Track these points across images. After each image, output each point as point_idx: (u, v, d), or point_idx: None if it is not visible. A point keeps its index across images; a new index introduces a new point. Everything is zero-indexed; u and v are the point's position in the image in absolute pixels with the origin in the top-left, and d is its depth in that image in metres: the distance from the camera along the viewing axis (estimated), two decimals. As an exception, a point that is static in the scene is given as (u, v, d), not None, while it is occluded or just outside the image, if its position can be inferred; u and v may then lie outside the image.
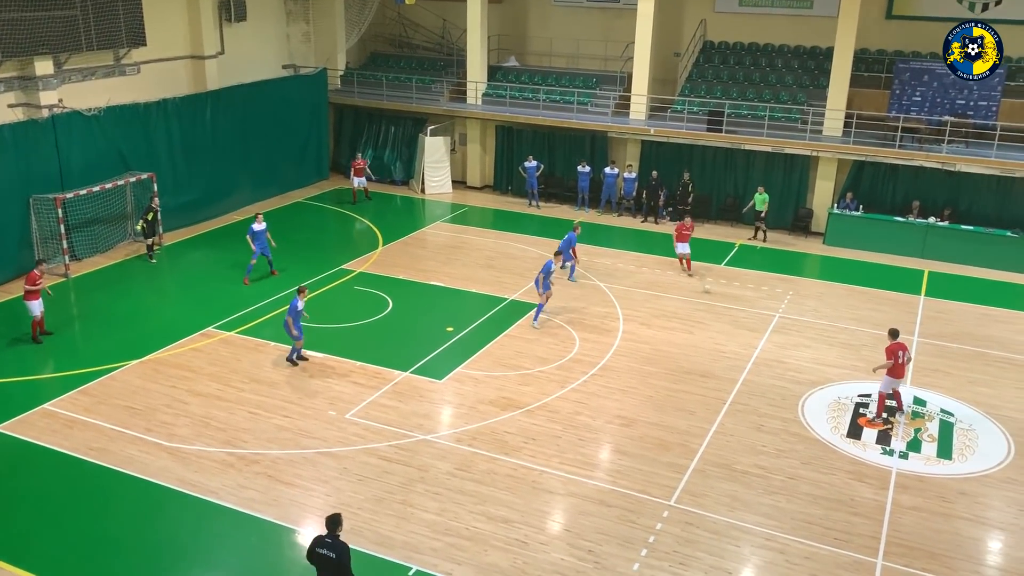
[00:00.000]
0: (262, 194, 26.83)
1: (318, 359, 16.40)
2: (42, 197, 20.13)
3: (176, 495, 12.22)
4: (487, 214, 26.73)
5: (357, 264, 21.64)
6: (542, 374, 16.04)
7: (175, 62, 24.92)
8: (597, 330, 17.99)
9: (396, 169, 29.54)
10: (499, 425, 14.23)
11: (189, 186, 24.25)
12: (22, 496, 12.20)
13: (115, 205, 22.11)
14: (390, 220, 25.71)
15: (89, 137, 21.40)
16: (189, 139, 24.19)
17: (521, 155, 27.87)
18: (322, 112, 29.16)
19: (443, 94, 29.34)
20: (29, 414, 14.21)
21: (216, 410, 14.52)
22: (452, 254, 22.65)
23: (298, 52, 29.83)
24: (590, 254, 22.80)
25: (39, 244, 20.41)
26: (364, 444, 13.59)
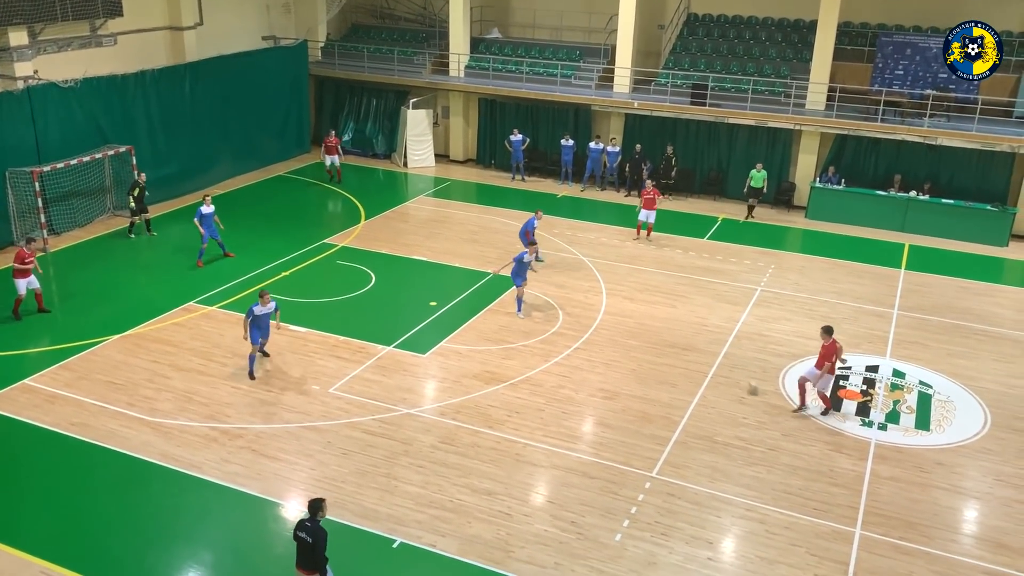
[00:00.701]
0: (242, 167, 26.60)
1: (300, 333, 16.36)
2: (18, 170, 19.86)
3: (159, 469, 12.21)
4: (470, 188, 26.62)
5: (339, 238, 21.54)
6: (525, 348, 16.09)
7: (153, 33, 24.54)
8: (580, 304, 18.04)
9: (378, 142, 29.34)
10: (483, 399, 14.29)
11: (168, 159, 23.99)
12: (2, 471, 12.14)
13: (93, 178, 21.85)
14: (372, 194, 25.56)
15: (66, 109, 21.09)
16: (168, 112, 23.89)
17: (504, 128, 27.72)
18: (303, 84, 28.86)
19: (425, 66, 29.10)
20: (9, 389, 14.12)
21: (199, 385, 14.48)
22: (435, 228, 22.57)
23: (278, 23, 29.44)
24: (573, 228, 22.80)
25: (16, 218, 20.16)
26: (348, 418, 13.62)
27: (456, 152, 29.24)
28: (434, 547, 10.87)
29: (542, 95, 26.90)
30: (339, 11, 30.85)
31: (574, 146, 26.41)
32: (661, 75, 26.62)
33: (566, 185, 26.66)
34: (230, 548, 10.90)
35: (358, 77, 29.16)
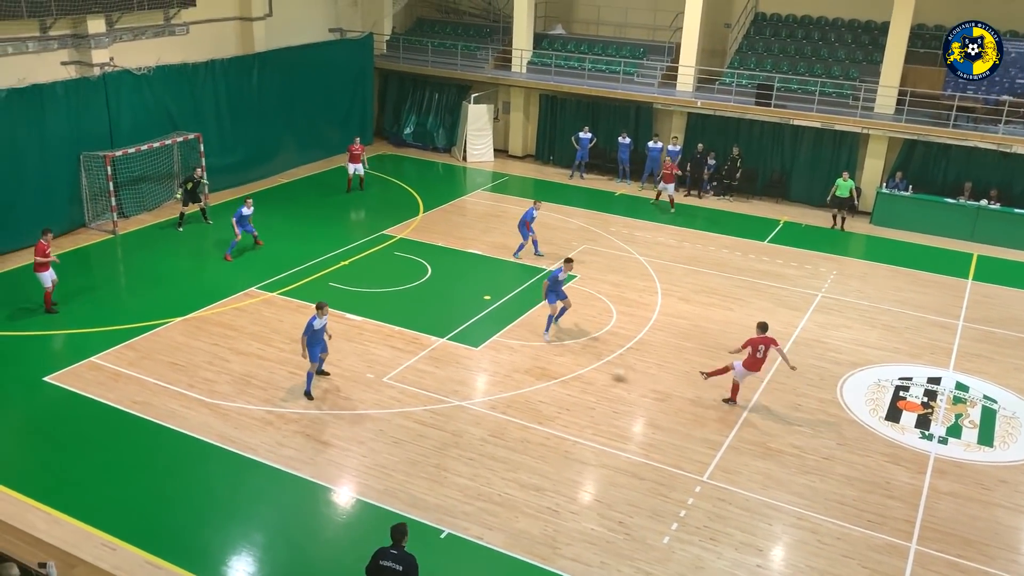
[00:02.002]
0: (306, 157, 27.02)
1: (357, 322, 16.58)
2: (92, 154, 20.50)
3: (216, 450, 12.51)
4: (528, 184, 26.63)
5: (398, 230, 21.76)
6: (578, 345, 16.04)
7: (223, 23, 25.05)
8: (635, 304, 17.92)
9: (438, 136, 29.53)
10: (533, 394, 14.30)
11: (235, 147, 24.50)
12: (67, 445, 12.58)
13: (162, 164, 22.44)
14: (431, 187, 25.75)
15: (138, 96, 21.69)
16: (235, 100, 24.40)
17: (565, 125, 27.66)
18: (367, 77, 29.18)
19: (488, 61, 29.17)
20: (77, 366, 14.60)
21: (257, 369, 14.78)
22: (491, 223, 22.65)
23: (345, 16, 29.81)
24: (630, 227, 22.66)
25: (88, 201, 20.83)
26: (400, 407, 13.76)
27: (515, 147, 29.27)
28: (481, 539, 10.93)
29: (604, 92, 26.76)
30: (405, 5, 31.12)
31: (631, 144, 26.22)
32: (726, 74, 26.25)
33: (624, 183, 26.48)
34: (281, 531, 11.11)
35: (421, 71, 29.38)
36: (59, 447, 12.53)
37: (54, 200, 20.05)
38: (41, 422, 13.16)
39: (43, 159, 19.65)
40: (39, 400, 13.68)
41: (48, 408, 13.50)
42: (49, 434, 12.86)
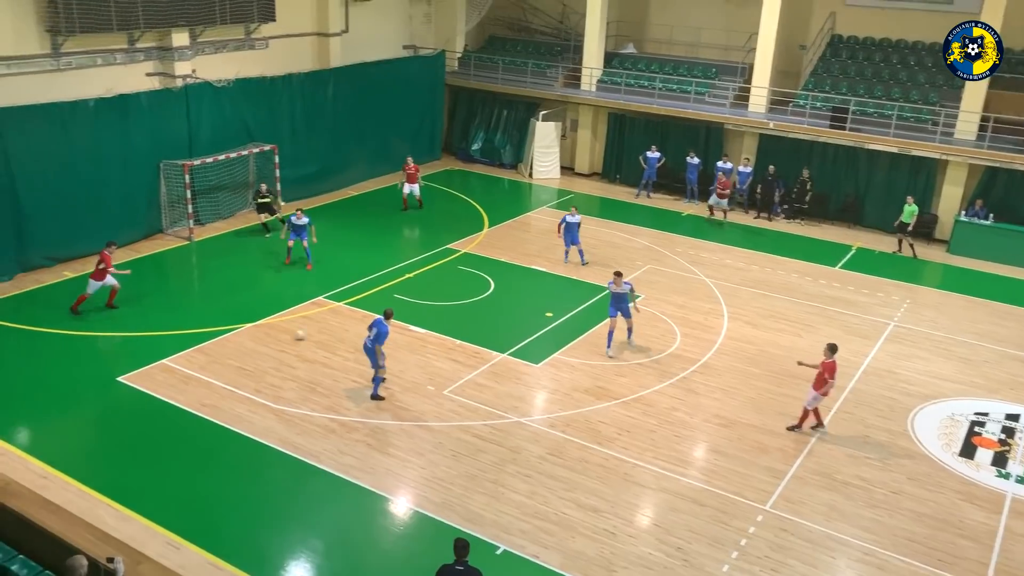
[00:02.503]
0: (376, 171, 27.45)
1: (420, 334, 16.73)
2: (171, 163, 21.20)
3: (279, 455, 12.73)
4: (593, 201, 26.58)
5: (462, 244, 21.93)
6: (640, 367, 15.89)
7: (301, 38, 25.70)
8: (700, 326, 17.68)
9: (505, 152, 29.72)
10: (593, 414, 14.20)
11: (308, 159, 25.04)
12: (137, 444, 12.97)
13: (238, 174, 23.07)
14: (496, 203, 25.90)
15: (217, 107, 22.38)
16: (310, 114, 24.98)
17: (633, 143, 27.57)
18: (438, 93, 29.58)
19: (557, 79, 29.29)
20: (150, 367, 15.06)
21: (322, 376, 15.03)
22: (555, 240, 22.60)
23: (419, 33, 30.31)
24: (697, 248, 22.40)
25: (166, 207, 21.52)
26: (460, 421, 13.81)
27: (582, 165, 29.28)
28: (537, 558, 10.87)
29: (674, 111, 26.60)
30: (478, 23, 31.48)
31: (700, 164, 25.98)
32: (800, 96, 25.84)
33: (691, 204, 26.22)
34: (339, 538, 11.23)
35: (491, 87, 29.65)
36: (129, 446, 12.92)
37: (134, 206, 20.79)
38: (113, 421, 13.60)
39: (125, 166, 20.39)
40: (112, 399, 14.14)
41: (120, 407, 13.94)
42: (121, 433, 13.27)
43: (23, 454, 12.42)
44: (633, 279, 19.89)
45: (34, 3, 18.68)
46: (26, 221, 18.60)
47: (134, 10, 19.91)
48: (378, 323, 14.16)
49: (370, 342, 14.19)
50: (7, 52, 18.41)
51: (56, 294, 17.94)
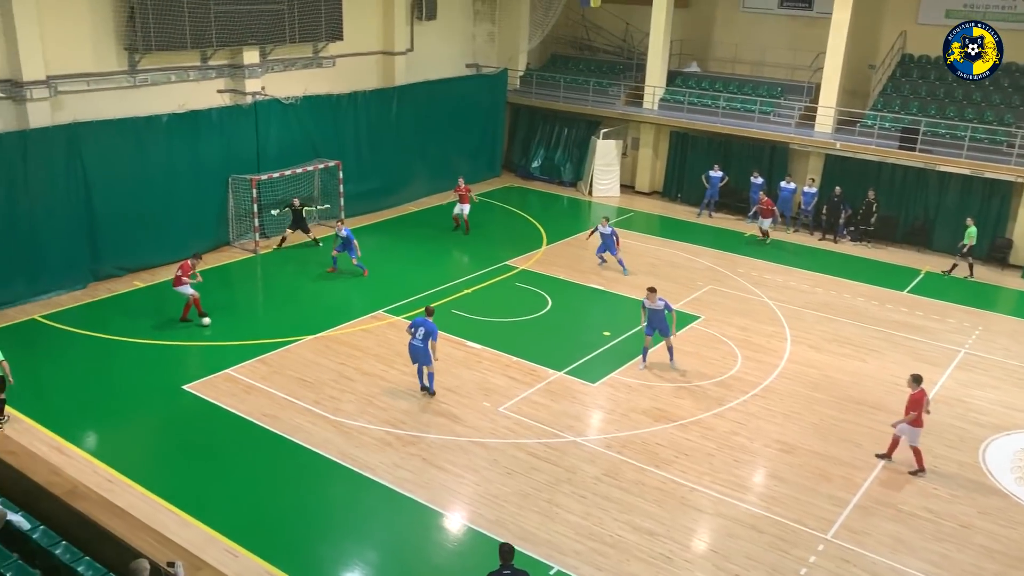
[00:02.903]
0: (436, 187, 27.68)
1: (476, 350, 16.77)
2: (240, 177, 21.75)
3: (336, 467, 12.86)
4: (653, 220, 26.39)
5: (520, 261, 21.96)
6: (699, 389, 15.66)
7: (367, 57, 26.20)
8: (762, 349, 17.36)
9: (565, 170, 29.73)
10: (650, 436, 14.03)
11: (370, 175, 25.40)
12: (199, 451, 13.25)
13: (303, 188, 23.51)
14: (555, 220, 25.91)
15: (285, 124, 22.90)
16: (374, 130, 25.37)
17: (695, 162, 27.33)
18: (499, 111, 29.79)
19: (619, 97, 29.23)
20: (213, 377, 15.40)
21: (379, 390, 15.16)
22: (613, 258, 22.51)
23: (482, 52, 30.61)
24: (759, 269, 22.04)
25: (233, 220, 22.06)
26: (515, 438, 13.78)
27: (642, 183, 29.11)
28: (590, 580, 10.75)
29: (738, 131, 26.30)
30: (540, 42, 31.66)
31: (764, 184, 25.60)
32: (868, 116, 25.31)
33: (754, 224, 25.83)
34: (393, 551, 11.28)
35: (552, 106, 29.74)
36: (192, 453, 13.21)
37: (203, 218, 21.37)
38: (177, 428, 13.93)
39: (196, 180, 20.98)
40: (177, 407, 14.48)
41: (184, 415, 14.27)
42: (184, 440, 13.58)
43: (91, 458, 12.80)
44: (694, 299, 19.69)
45: (113, 22, 19.43)
46: (100, 232, 19.26)
47: (207, 28, 20.55)
48: (423, 322, 14.54)
49: (421, 342, 14.50)
50: (87, 69, 19.18)
51: (127, 303, 18.52)
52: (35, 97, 17.99)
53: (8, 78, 17.83)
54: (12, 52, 17.67)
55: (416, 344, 14.57)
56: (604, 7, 29.11)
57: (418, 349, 14.58)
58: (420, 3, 27.05)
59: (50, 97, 18.35)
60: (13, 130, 17.75)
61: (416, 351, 14.64)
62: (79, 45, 18.97)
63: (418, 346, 14.55)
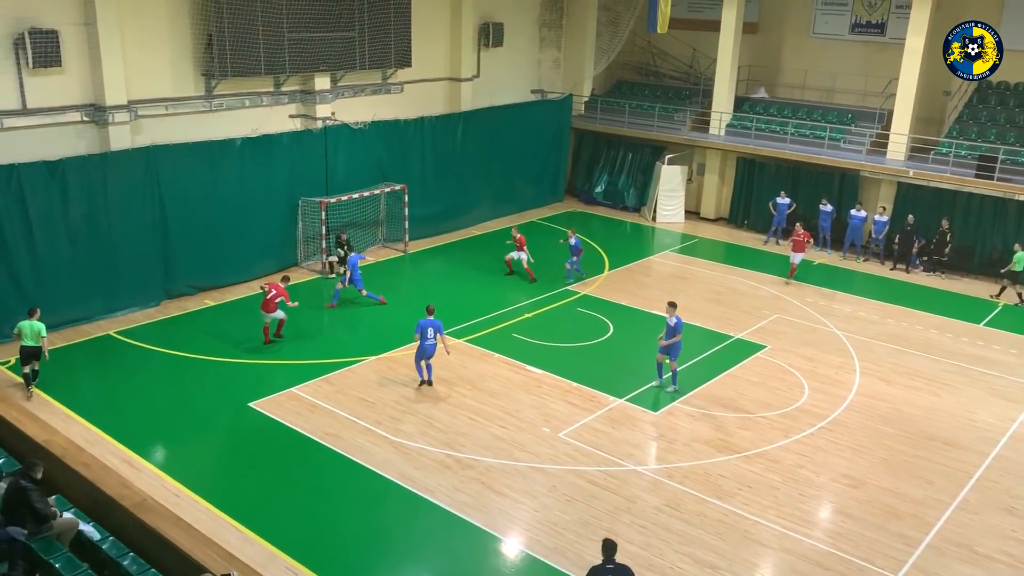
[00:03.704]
0: (499, 211, 27.87)
1: (536, 375, 16.75)
2: (309, 200, 22.23)
3: (396, 488, 12.93)
4: (718, 247, 26.09)
5: (582, 286, 21.90)
6: (764, 420, 15.34)
7: (434, 83, 26.62)
8: (830, 380, 16.94)
9: (629, 195, 29.63)
10: (713, 467, 13.77)
11: (435, 199, 25.69)
12: (263, 468, 13.48)
13: (370, 211, 23.93)
14: (618, 245, 25.80)
15: (353, 148, 23.36)
16: (440, 155, 25.70)
17: (762, 189, 26.99)
18: (564, 136, 29.91)
19: (685, 123, 29.08)
20: (279, 395, 15.69)
21: (440, 412, 15.24)
22: (677, 285, 22.31)
23: (547, 77, 30.82)
24: (828, 299, 21.56)
25: (301, 242, 22.53)
26: (574, 465, 13.67)
27: (707, 210, 28.83)
28: (649, 612, 10.55)
29: (807, 157, 25.89)
30: (606, 68, 31.75)
31: (833, 212, 25.09)
32: (943, 144, 24.64)
33: (824, 252, 25.31)
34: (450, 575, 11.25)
35: (617, 131, 29.73)
36: (256, 470, 13.44)
37: (272, 240, 21.87)
38: (243, 445, 14.20)
39: (267, 202, 21.50)
40: (242, 424, 14.78)
41: (250, 432, 14.55)
42: (249, 457, 13.84)
43: (160, 472, 13.13)
44: (759, 328, 19.36)
45: (192, 49, 20.16)
46: (173, 251, 19.85)
47: (281, 55, 21.17)
48: (430, 323, 15.78)
49: (433, 340, 15.77)
50: (166, 94, 19.92)
51: (198, 321, 19.04)
52: (116, 121, 18.73)
53: (92, 102, 18.63)
54: (97, 78, 18.47)
55: (430, 344, 15.81)
56: (670, 33, 29.01)
57: (431, 348, 15.84)
58: (487, 30, 27.41)
59: (130, 121, 19.09)
60: (95, 152, 18.53)
61: (429, 350, 15.84)
62: (159, 71, 19.73)
63: (432, 345, 15.83)
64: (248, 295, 20.23)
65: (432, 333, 15.79)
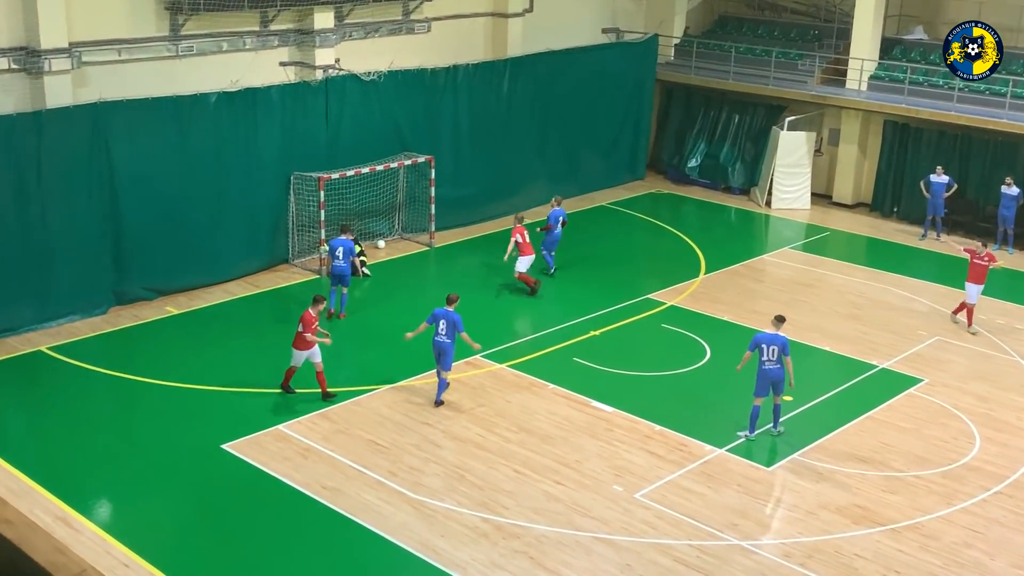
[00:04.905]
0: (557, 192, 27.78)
1: (605, 413, 16.69)
2: (304, 175, 22.50)
3: (415, 561, 12.95)
4: (858, 243, 25.85)
5: (669, 295, 21.81)
6: (918, 481, 15.11)
7: (473, 20, 26.76)
8: (1010, 428, 16.68)
9: (734, 173, 29.49)
10: (847, 543, 13.59)
11: (471, 176, 25.89)
12: (239, 531, 13.62)
13: (384, 193, 24.14)
14: (718, 240, 25.66)
15: (364, 107, 23.63)
16: (478, 117, 25.89)
17: (918, 164, 26.66)
18: (646, 92, 29.91)
19: (813, 74, 28.85)
20: (261, 434, 15.85)
21: (474, 461, 15.26)
22: (800, 294, 22.10)
23: (624, 12, 30.82)
24: (1009, 316, 21.21)
25: (295, 232, 22.79)
26: (656, 537, 13.59)
27: (842, 192, 28.57)
28: None
29: (981, 121, 25.62)
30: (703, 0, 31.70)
31: (1020, 196, 24.63)
32: None
33: (1004, 251, 24.86)
34: None
35: (719, 85, 29.64)
36: (231, 532, 13.58)
37: (258, 228, 22.24)
38: (213, 499, 14.38)
39: (250, 178, 21.85)
40: (213, 471, 14.96)
41: (222, 483, 14.72)
42: (221, 515, 14.00)
43: (104, 534, 13.33)
44: (913, 355, 19.09)
45: (154, -25, 20.54)
46: (127, 243, 20.26)
47: (270, -18, 21.53)
48: (445, 313, 16.41)
49: (447, 338, 16.36)
50: (119, 34, 20.28)
51: (156, 334, 19.38)
52: (54, 69, 19.15)
53: (23, 45, 19.03)
54: (29, 12, 18.82)
55: (441, 341, 16.43)
56: (793, -48, 28.92)
57: (444, 346, 16.45)
58: (544, -52, 27.59)
59: (72, 69, 19.50)
60: (26, 111, 18.92)
61: (441, 348, 16.46)
62: (110, 4, 20.11)
63: (444, 343, 16.43)
64: (223, 300, 20.52)
65: (445, 328, 16.37)
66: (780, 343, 15.61)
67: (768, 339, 15.66)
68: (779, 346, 15.59)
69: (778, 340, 15.64)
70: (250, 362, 18.36)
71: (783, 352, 15.60)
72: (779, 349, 15.58)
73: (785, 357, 15.65)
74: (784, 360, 15.63)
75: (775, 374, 15.67)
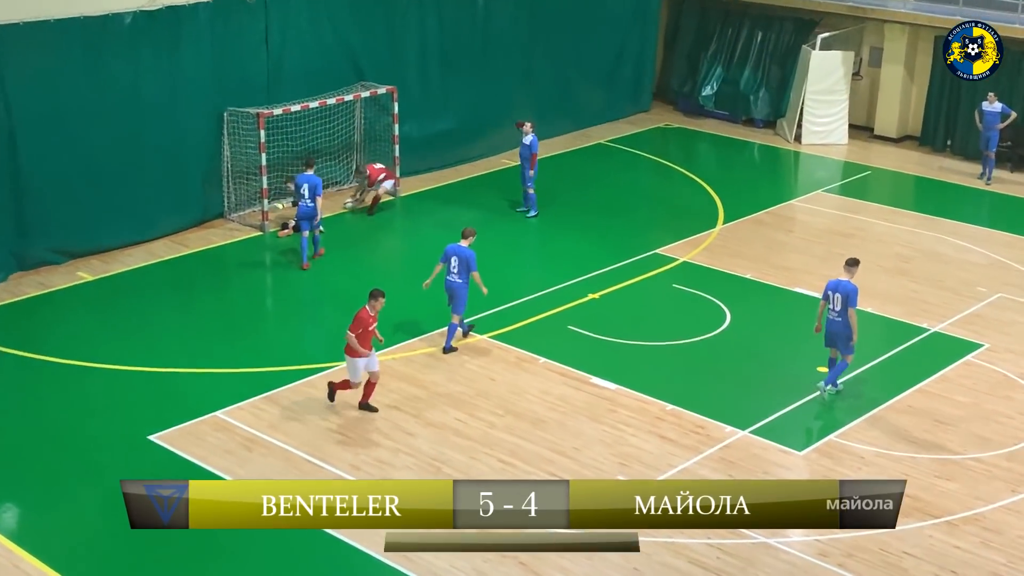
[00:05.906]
0: (547, 129, 27.68)
1: (609, 391, 16.76)
2: (240, 111, 22.39)
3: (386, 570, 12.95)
4: (905, 184, 26.03)
5: (681, 249, 21.88)
6: (979, 465, 15.27)
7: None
8: (1087, 400, 16.84)
9: (756, 102, 29.50)
10: (894, 538, 13.72)
11: (442, 110, 25.86)
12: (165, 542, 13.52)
13: (338, 131, 24.07)
14: (739, 183, 25.72)
15: (312, 28, 23.49)
16: (450, 39, 25.78)
17: (975, 89, 26.65)
18: (652, 5, 29.73)
19: (850, -19, 28.85)
20: (195, 422, 15.82)
21: (453, 451, 15.30)
22: (837, 246, 22.14)
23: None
24: (1084, 267, 21.36)
25: (230, 180, 22.68)
26: (669, 536, 13.68)
27: (886, 124, 28.67)
28: None
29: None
30: None
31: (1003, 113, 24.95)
32: None
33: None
34: None
35: (738, -5, 29.62)
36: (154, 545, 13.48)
37: (185, 176, 22.15)
38: (140, 501, 14.38)
39: (173, 116, 21.73)
40: (138, 467, 14.82)
41: (152, 480, 14.72)
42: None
43: (8, 543, 13.31)
44: (971, 315, 19.22)
45: None
46: (27, 197, 20.14)
47: None
48: (458, 249, 17.17)
49: (460, 278, 17.13)
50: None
51: (67, 304, 19.31)
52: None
53: None
54: None
55: (452, 281, 17.26)
56: None
57: (455, 287, 17.27)
58: None
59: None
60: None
61: (452, 288, 17.27)
62: None
63: (455, 283, 17.25)
64: (146, 263, 20.44)
65: (457, 266, 17.08)
66: (844, 291, 15.89)
67: (833, 286, 16.06)
68: (843, 295, 15.86)
69: (842, 287, 15.95)
70: (180, 337, 18.34)
71: (848, 303, 15.82)
72: (844, 299, 15.84)
73: (850, 308, 15.85)
74: (848, 312, 15.85)
75: (835, 327, 16.08)
